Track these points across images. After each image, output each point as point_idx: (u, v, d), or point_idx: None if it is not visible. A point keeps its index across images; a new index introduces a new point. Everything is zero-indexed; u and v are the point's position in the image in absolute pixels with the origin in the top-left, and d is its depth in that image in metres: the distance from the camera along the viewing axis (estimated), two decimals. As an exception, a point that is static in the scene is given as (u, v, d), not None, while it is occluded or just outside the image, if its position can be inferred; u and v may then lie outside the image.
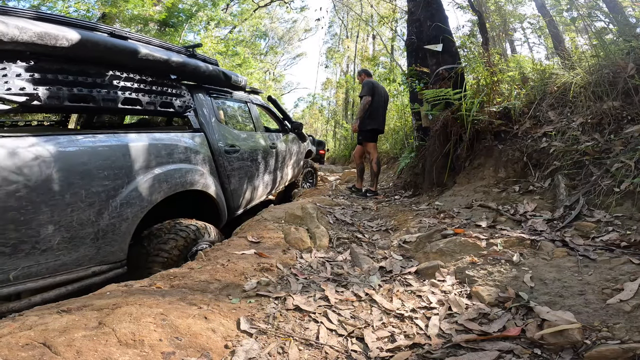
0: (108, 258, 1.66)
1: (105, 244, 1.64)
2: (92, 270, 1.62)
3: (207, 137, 2.43)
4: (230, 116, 3.09)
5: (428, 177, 3.74)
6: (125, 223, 1.70)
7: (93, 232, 1.59)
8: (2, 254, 1.32)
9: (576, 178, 2.40)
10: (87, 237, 1.57)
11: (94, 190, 1.58)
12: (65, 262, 1.51)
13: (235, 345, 1.11)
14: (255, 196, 3.16)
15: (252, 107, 3.47)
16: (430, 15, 4.23)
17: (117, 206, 1.67)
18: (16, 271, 1.36)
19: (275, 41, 24.26)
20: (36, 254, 1.41)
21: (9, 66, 1.49)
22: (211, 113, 2.59)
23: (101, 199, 1.61)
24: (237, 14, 13.36)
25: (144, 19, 7.93)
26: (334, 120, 21.28)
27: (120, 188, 1.69)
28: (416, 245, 2.18)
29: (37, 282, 1.44)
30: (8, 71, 1.48)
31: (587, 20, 5.13)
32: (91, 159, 1.60)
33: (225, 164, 2.57)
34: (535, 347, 1.08)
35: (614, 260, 1.52)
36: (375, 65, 11.05)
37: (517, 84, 3.74)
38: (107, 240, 1.65)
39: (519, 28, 11.46)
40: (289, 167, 4.05)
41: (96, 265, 1.63)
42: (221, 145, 2.55)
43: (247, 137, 3.04)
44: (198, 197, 2.34)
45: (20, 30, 1.42)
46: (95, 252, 1.61)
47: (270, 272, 1.76)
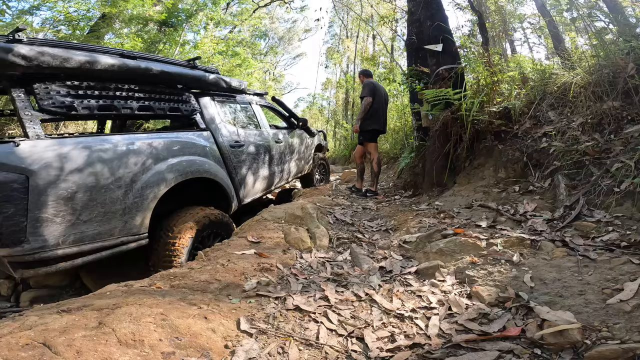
0: (133, 230, 2.07)
1: (130, 218, 2.04)
2: (120, 240, 2.01)
3: (213, 134, 2.81)
4: (234, 116, 3.39)
5: (428, 177, 3.74)
6: (146, 202, 2.12)
7: (122, 208, 2.00)
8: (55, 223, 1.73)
9: (576, 178, 2.40)
10: (117, 212, 1.98)
11: (120, 176, 2.01)
12: (101, 232, 1.92)
13: (235, 345, 1.11)
14: (264, 186, 3.50)
15: (256, 107, 3.79)
16: (430, 15, 4.23)
17: (139, 188, 2.09)
18: (65, 237, 1.77)
19: (275, 41, 24.27)
20: (79, 224, 1.82)
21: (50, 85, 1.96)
22: (215, 114, 2.98)
23: (126, 182, 2.03)
24: (237, 14, 13.35)
25: (144, 19, 7.92)
26: (334, 120, 21.28)
27: (141, 174, 2.12)
28: (416, 245, 2.18)
29: (80, 247, 1.84)
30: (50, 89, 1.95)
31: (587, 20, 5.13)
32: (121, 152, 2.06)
33: (231, 157, 2.93)
34: (535, 347, 1.08)
35: (614, 260, 1.52)
36: (375, 65, 11.04)
37: (517, 84, 3.74)
38: (132, 215, 2.05)
39: (519, 28, 11.45)
40: (297, 160, 4.38)
41: (124, 236, 2.03)
42: (226, 141, 2.92)
43: (251, 134, 3.35)
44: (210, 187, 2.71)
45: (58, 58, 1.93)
46: (123, 225, 2.01)
47: (270, 272, 1.76)
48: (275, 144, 3.75)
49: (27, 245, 1.66)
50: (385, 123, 4.54)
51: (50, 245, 1.72)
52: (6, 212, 1.59)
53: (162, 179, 2.21)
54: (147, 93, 2.45)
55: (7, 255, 1.67)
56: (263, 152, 3.44)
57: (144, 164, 2.15)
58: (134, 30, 8.25)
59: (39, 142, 1.76)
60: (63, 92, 2.00)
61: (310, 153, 4.94)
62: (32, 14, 6.45)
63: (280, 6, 16.77)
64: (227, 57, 10.46)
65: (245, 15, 13.05)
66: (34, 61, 1.84)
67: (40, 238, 1.69)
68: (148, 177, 2.15)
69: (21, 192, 1.62)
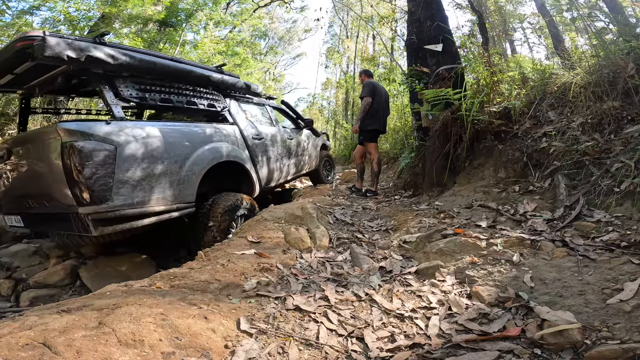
0: (184, 199, 2.50)
1: (184, 188, 2.49)
2: (176, 206, 2.44)
3: (239, 127, 3.33)
4: (253, 114, 3.90)
5: (428, 177, 3.74)
6: (194, 176, 2.58)
7: (177, 179, 2.44)
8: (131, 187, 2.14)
9: (576, 178, 2.39)
10: (174, 182, 2.42)
11: (178, 153, 2.49)
12: (163, 197, 2.34)
13: (235, 345, 1.11)
14: (279, 176, 4.00)
15: (269, 108, 4.33)
16: (430, 15, 4.23)
17: (190, 164, 2.56)
18: (138, 198, 2.18)
19: (275, 41, 24.24)
20: (148, 189, 2.25)
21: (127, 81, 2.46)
22: (239, 112, 3.53)
23: (181, 158, 2.50)
24: (237, 14, 13.33)
25: (144, 18, 7.91)
26: (334, 120, 21.27)
27: (191, 154, 2.59)
28: (416, 245, 2.18)
29: (147, 208, 2.24)
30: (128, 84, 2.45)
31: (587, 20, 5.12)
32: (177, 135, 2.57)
33: (254, 147, 3.44)
34: (535, 347, 1.08)
35: (614, 260, 1.52)
36: (375, 65, 11.03)
37: (517, 84, 3.74)
38: (185, 185, 2.50)
39: (519, 28, 11.45)
40: (306, 156, 4.88)
41: (179, 203, 2.46)
42: (249, 134, 3.44)
43: (267, 130, 3.88)
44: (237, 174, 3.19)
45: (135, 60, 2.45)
46: (178, 193, 2.45)
47: (270, 272, 1.76)
48: (288, 140, 4.26)
49: (110, 202, 2.03)
50: (385, 123, 4.54)
51: (127, 205, 2.12)
52: (100, 173, 1.99)
53: (205, 158, 2.70)
54: (191, 91, 2.97)
55: (92, 212, 2.00)
56: (278, 146, 3.97)
57: (194, 145, 2.64)
58: (134, 30, 8.24)
59: (123, 122, 2.23)
60: (136, 87, 2.50)
61: (317, 151, 5.40)
62: (32, 14, 6.45)
63: (280, 6, 16.77)
64: (227, 57, 10.45)
65: (245, 15, 13.04)
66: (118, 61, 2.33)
67: (120, 197, 2.08)
68: (196, 156, 2.61)
69: (112, 158, 2.05)
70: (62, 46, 2.06)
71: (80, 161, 1.92)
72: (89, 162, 1.94)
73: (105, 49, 2.27)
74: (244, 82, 3.70)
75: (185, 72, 2.90)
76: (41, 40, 2.00)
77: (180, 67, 2.85)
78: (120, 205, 2.08)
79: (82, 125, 2.03)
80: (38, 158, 2.20)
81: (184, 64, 3.00)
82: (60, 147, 1.96)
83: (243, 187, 3.27)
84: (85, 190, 1.94)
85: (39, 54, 1.99)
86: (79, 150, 1.92)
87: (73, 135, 1.97)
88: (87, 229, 2.04)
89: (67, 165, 1.94)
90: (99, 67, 2.28)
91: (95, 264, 2.66)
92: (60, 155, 1.96)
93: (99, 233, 2.05)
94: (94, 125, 2.08)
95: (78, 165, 1.92)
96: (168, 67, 2.72)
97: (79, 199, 1.97)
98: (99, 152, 1.99)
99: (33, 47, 2.00)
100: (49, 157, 2.08)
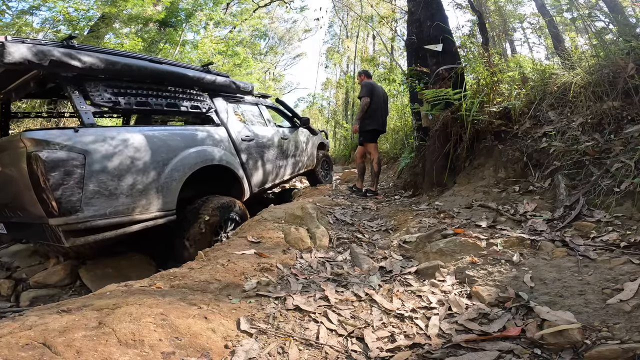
0: (164, 206, 2.39)
1: (163, 196, 2.38)
2: (154, 215, 2.33)
3: (227, 129, 3.19)
4: (244, 114, 3.79)
5: (428, 177, 3.74)
6: (175, 182, 2.47)
7: (155, 187, 2.34)
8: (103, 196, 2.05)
9: (576, 178, 2.40)
10: (152, 190, 2.31)
11: (155, 159, 2.38)
12: (139, 206, 2.24)
13: (235, 345, 1.11)
14: (273, 178, 3.87)
15: (262, 107, 4.19)
16: (430, 15, 4.23)
17: (169, 171, 2.45)
18: (111, 209, 2.09)
19: (275, 41, 24.24)
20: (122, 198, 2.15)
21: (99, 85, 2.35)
22: (227, 112, 3.37)
23: (159, 165, 2.39)
24: (237, 14, 13.33)
25: (144, 18, 7.91)
26: (334, 120, 21.26)
27: (171, 159, 2.49)
28: (416, 245, 2.18)
29: (122, 218, 2.15)
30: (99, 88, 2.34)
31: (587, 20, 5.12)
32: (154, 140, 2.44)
33: (243, 149, 3.31)
34: (535, 347, 1.08)
35: (614, 260, 1.52)
36: (375, 65, 11.04)
37: (517, 84, 3.74)
38: (164, 193, 2.39)
39: (519, 28, 11.44)
40: (302, 155, 4.76)
41: (157, 212, 2.35)
42: (238, 135, 3.29)
43: (260, 130, 3.73)
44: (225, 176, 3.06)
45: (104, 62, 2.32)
46: (157, 201, 2.35)
47: (270, 272, 1.76)
48: (282, 140, 4.12)
49: (80, 214, 1.96)
50: (384, 123, 4.54)
51: (98, 215, 2.04)
52: (67, 184, 1.91)
53: (187, 164, 2.59)
54: (172, 93, 2.86)
55: (62, 224, 1.94)
56: (271, 146, 3.82)
57: (173, 150, 2.54)
58: (134, 31, 8.24)
59: (92, 129, 2.15)
60: (109, 91, 2.40)
61: (313, 150, 5.26)
62: (32, 14, 6.45)
63: (280, 6, 16.76)
64: (227, 57, 10.45)
65: (245, 15, 13.04)
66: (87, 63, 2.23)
67: (92, 208, 2.01)
68: (176, 161, 2.52)
69: (80, 168, 1.98)
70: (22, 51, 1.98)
71: (45, 172, 1.84)
72: (55, 173, 1.86)
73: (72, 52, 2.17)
74: (232, 81, 3.55)
75: (166, 73, 2.78)
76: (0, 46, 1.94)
77: (159, 68, 2.72)
78: (91, 216, 2.00)
79: (47, 134, 1.95)
80: (8, 168, 2.11)
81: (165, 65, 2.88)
82: (26, 157, 1.88)
83: (232, 191, 3.15)
84: (53, 201, 1.87)
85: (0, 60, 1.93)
86: (43, 160, 1.84)
87: (38, 145, 1.88)
88: (60, 240, 1.98)
89: (33, 176, 1.87)
90: (67, 71, 2.20)
91: (95, 264, 2.66)
92: (26, 166, 1.88)
93: (70, 244, 1.98)
94: (61, 133, 1.99)
95: (44, 176, 1.84)
96: (145, 68, 2.60)
97: (48, 210, 1.91)
98: (65, 161, 1.91)
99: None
100: (17, 167, 2.00)
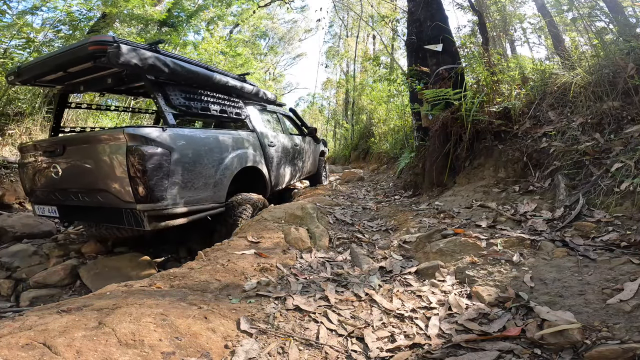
0: (217, 199, 2.74)
1: (217, 190, 2.72)
2: (211, 205, 2.66)
3: (257, 134, 3.56)
4: (268, 122, 4.13)
5: (428, 177, 3.74)
6: (225, 179, 2.82)
7: (213, 182, 2.67)
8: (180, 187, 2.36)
9: (576, 178, 2.39)
10: (211, 184, 2.65)
11: (214, 157, 2.72)
12: (202, 197, 2.57)
13: (235, 345, 1.11)
14: (286, 180, 4.26)
15: (280, 116, 4.62)
16: (430, 15, 4.23)
17: (223, 168, 2.80)
18: (185, 198, 2.40)
19: (275, 41, 24.23)
20: (192, 190, 2.47)
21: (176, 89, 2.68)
22: (257, 119, 3.75)
23: (217, 163, 2.74)
24: (237, 14, 13.32)
25: (144, 18, 7.91)
26: (334, 120, 21.27)
27: (224, 159, 2.83)
28: (416, 245, 2.18)
29: (190, 207, 2.45)
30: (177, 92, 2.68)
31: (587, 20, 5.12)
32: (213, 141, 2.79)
33: (268, 153, 3.66)
34: (535, 347, 1.08)
35: (614, 260, 1.52)
36: (377, 65, 11.03)
37: (517, 84, 3.74)
38: (218, 188, 2.73)
39: (519, 28, 11.42)
40: (308, 161, 5.22)
41: (213, 203, 2.68)
42: (265, 141, 3.66)
43: (279, 137, 4.12)
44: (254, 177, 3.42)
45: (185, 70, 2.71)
46: (213, 194, 2.68)
47: (270, 272, 1.76)
48: (295, 147, 4.57)
49: (164, 202, 2.24)
50: None
51: (176, 203, 2.33)
52: (158, 175, 2.18)
53: (234, 163, 2.95)
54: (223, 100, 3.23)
55: (149, 210, 2.19)
56: (287, 152, 4.25)
57: (226, 151, 2.88)
58: (134, 31, 8.23)
59: (174, 129, 2.42)
60: (183, 95, 2.72)
61: (317, 156, 5.83)
62: (33, 14, 6.44)
63: (280, 6, 16.75)
64: (229, 57, 10.46)
65: (245, 15, 13.04)
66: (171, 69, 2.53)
67: (172, 197, 2.29)
68: (227, 161, 2.86)
69: (167, 161, 2.25)
70: (131, 54, 2.26)
71: (143, 163, 2.11)
72: (151, 165, 2.15)
73: (160, 57, 2.47)
74: (263, 91, 3.95)
75: (222, 82, 3.15)
76: (116, 47, 2.17)
77: (216, 77, 3.08)
78: (171, 204, 2.29)
79: (144, 131, 2.22)
80: (98, 157, 2.29)
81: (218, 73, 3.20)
82: (126, 150, 2.13)
83: (258, 189, 3.44)
84: (146, 189, 2.14)
85: (114, 60, 2.17)
86: (142, 153, 2.11)
87: (137, 140, 2.15)
88: (141, 224, 2.21)
89: (130, 165, 2.12)
90: (154, 74, 2.49)
91: (95, 264, 2.66)
92: (125, 157, 2.13)
93: (151, 228, 2.21)
94: (154, 130, 2.27)
95: (141, 167, 2.11)
96: (208, 77, 2.95)
97: (138, 196, 2.15)
98: (159, 155, 2.20)
99: (108, 53, 2.15)
100: (112, 157, 2.21)
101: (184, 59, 2.91)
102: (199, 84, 2.92)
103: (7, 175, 4.41)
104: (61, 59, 2.40)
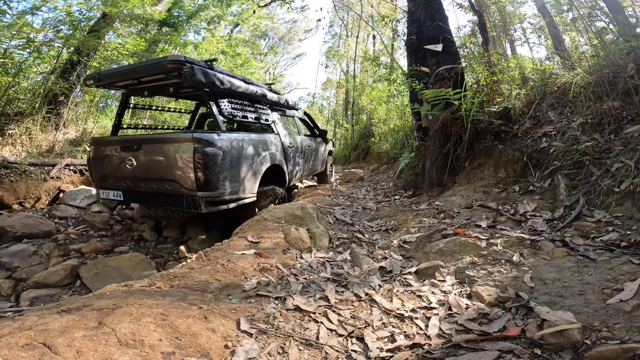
0: (252, 190, 3.23)
1: (253, 182, 3.24)
2: (247, 195, 3.14)
3: (280, 137, 4.05)
4: (287, 125, 4.70)
5: (428, 177, 3.74)
6: (259, 173, 3.35)
7: (251, 175, 3.20)
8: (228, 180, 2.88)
9: (576, 178, 2.39)
10: (247, 177, 3.14)
11: (252, 157, 3.24)
12: (241, 188, 3.06)
13: (235, 345, 1.11)
14: (299, 176, 4.75)
15: (296, 119, 5.21)
16: (430, 15, 4.23)
17: (257, 164, 3.32)
18: (230, 189, 2.91)
19: (275, 41, 24.21)
20: (235, 182, 2.97)
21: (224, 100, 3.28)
22: (280, 123, 4.26)
23: (253, 160, 3.26)
24: (237, 14, 13.31)
25: (144, 18, 7.90)
26: (334, 120, 21.26)
27: (257, 158, 3.34)
28: (416, 245, 2.18)
29: (232, 196, 2.95)
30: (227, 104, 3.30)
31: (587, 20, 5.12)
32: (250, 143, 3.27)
33: (288, 154, 4.16)
34: (535, 347, 1.08)
35: (614, 260, 1.52)
36: (377, 65, 11.03)
37: (517, 84, 3.73)
38: (253, 181, 3.23)
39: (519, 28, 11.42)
40: (318, 160, 5.78)
41: (249, 193, 3.17)
42: (285, 142, 4.15)
43: (296, 139, 4.63)
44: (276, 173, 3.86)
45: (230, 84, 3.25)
46: (251, 186, 3.21)
47: (270, 272, 1.76)
48: (307, 147, 5.08)
49: (218, 191, 2.80)
50: None
51: (226, 192, 2.87)
52: (215, 170, 2.74)
53: (264, 162, 3.45)
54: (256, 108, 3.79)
55: (207, 196, 2.75)
56: (302, 152, 4.75)
57: (260, 151, 3.39)
58: (134, 31, 8.23)
59: (226, 134, 2.97)
60: (230, 106, 3.32)
61: (325, 156, 6.32)
62: (33, 14, 6.44)
63: (280, 6, 16.73)
64: (229, 57, 10.45)
65: (245, 15, 13.02)
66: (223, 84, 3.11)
67: (223, 187, 2.83)
68: (260, 159, 3.37)
69: (220, 160, 2.79)
70: (199, 73, 2.82)
71: (205, 160, 2.67)
72: (211, 162, 2.70)
73: (217, 74, 3.02)
74: (285, 99, 4.53)
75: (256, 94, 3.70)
76: (190, 67, 2.75)
77: (253, 89, 3.63)
78: (222, 193, 2.82)
79: (207, 135, 2.78)
80: (170, 154, 2.82)
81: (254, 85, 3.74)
82: (193, 149, 2.68)
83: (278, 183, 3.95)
84: (206, 180, 2.68)
85: (189, 79, 2.74)
86: (206, 153, 2.68)
87: (201, 142, 2.70)
88: (198, 207, 2.75)
89: (196, 162, 2.67)
90: (210, 88, 3.03)
91: (95, 264, 2.66)
92: (192, 155, 2.67)
93: (206, 211, 2.76)
94: (213, 135, 2.82)
95: (204, 163, 2.67)
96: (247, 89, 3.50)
97: (200, 185, 2.69)
98: (216, 155, 2.75)
99: (184, 73, 2.72)
100: (181, 154, 2.75)
101: (231, 73, 3.45)
102: (241, 95, 3.49)
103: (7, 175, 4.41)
104: (140, 71, 2.97)
